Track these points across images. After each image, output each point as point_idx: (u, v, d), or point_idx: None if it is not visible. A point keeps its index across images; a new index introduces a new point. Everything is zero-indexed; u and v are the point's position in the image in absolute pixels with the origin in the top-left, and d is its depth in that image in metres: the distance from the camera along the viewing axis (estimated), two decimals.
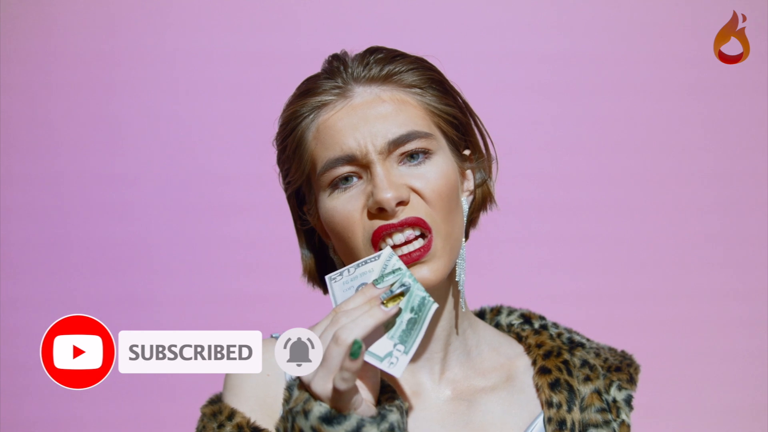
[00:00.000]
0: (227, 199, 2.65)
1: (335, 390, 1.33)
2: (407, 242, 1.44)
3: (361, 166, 1.45)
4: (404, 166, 1.46)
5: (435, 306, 1.39)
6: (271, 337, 1.54)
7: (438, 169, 1.46)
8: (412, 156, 1.46)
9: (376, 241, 1.44)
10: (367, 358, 1.35)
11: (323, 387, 1.34)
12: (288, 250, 2.01)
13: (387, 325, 1.37)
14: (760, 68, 2.55)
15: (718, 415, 2.61)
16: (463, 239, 1.51)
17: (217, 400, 1.50)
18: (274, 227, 2.47)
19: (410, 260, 1.43)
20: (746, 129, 2.61)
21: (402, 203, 1.43)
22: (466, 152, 1.53)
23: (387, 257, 1.41)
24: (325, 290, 1.55)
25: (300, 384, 1.38)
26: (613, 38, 2.61)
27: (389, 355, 1.36)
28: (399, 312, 1.37)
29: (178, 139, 2.66)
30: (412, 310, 1.38)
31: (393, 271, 1.40)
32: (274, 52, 2.63)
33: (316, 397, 1.35)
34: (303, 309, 1.86)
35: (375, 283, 1.39)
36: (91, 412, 2.65)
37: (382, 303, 1.37)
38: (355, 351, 1.31)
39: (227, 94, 2.66)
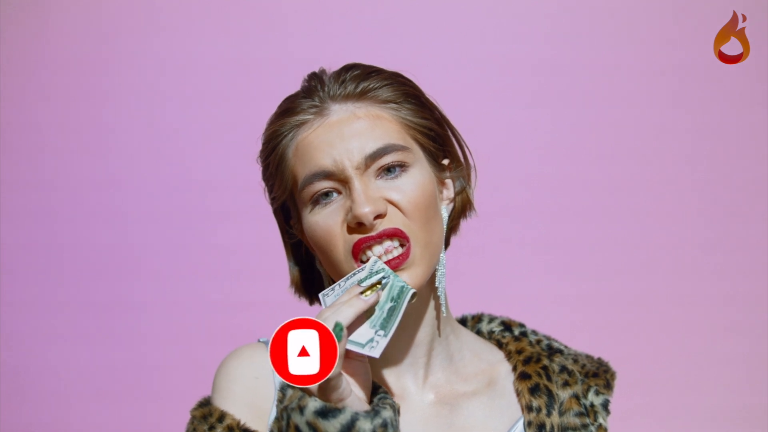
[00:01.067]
0: (215, 205, 2.66)
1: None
2: (386, 252, 1.48)
3: (340, 181, 1.49)
4: (381, 180, 1.49)
5: (412, 291, 1.44)
6: (259, 341, 1.58)
7: (414, 181, 1.50)
8: (388, 170, 1.50)
9: (356, 253, 1.48)
10: (350, 346, 1.40)
11: None
12: (275, 257, 2.04)
13: (369, 316, 1.42)
14: (760, 68, 2.56)
15: (714, 419, 2.62)
16: (443, 247, 1.55)
17: (206, 403, 1.54)
18: (261, 234, 2.48)
19: (390, 267, 1.47)
20: (746, 129, 2.62)
21: (380, 216, 1.48)
22: (445, 161, 1.57)
23: (372, 263, 1.46)
24: (311, 301, 1.62)
25: None
26: (612, 38, 2.63)
27: (370, 341, 1.41)
28: (378, 302, 1.43)
29: (167, 145, 2.67)
30: (392, 299, 1.44)
31: (377, 272, 1.46)
32: (264, 60, 2.64)
33: (308, 392, 1.38)
34: (290, 315, 1.89)
35: (360, 283, 1.44)
36: (81, 416, 2.66)
37: (361, 293, 1.42)
38: (337, 333, 1.36)
39: (216, 101, 2.66)
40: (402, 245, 1.48)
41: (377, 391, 1.45)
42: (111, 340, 2.66)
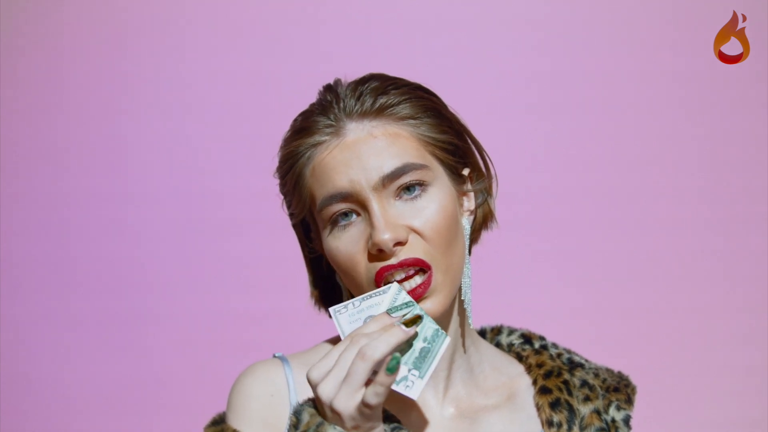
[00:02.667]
0: (228, 217, 2.66)
1: (366, 405, 1.34)
2: (407, 278, 1.45)
3: (358, 202, 1.46)
4: (400, 201, 1.46)
5: (448, 339, 1.41)
6: (274, 356, 1.56)
7: (435, 204, 1.47)
8: (407, 189, 1.47)
9: (379, 281, 1.45)
10: None
11: (346, 404, 1.35)
12: (289, 269, 2.02)
13: (401, 352, 1.39)
14: (760, 68, 2.55)
15: (716, 429, 2.61)
16: (467, 258, 1.52)
17: (220, 421, 1.51)
18: (275, 246, 2.48)
19: (412, 296, 1.45)
20: (746, 129, 2.60)
21: (400, 243, 1.45)
22: (465, 171, 1.54)
23: (396, 292, 1.43)
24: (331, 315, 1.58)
25: (314, 407, 1.39)
26: (612, 38, 2.62)
27: (404, 379, 1.38)
28: (415, 337, 1.39)
29: (180, 156, 2.67)
30: (425, 340, 1.41)
31: (404, 304, 1.42)
32: (280, 70, 2.64)
33: (334, 416, 1.35)
34: (305, 328, 1.87)
35: (389, 312, 1.41)
36: (91, 429, 2.66)
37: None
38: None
39: (231, 112, 2.66)
40: (423, 271, 1.46)
41: (390, 419, 1.44)
42: (123, 352, 2.66)
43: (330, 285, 1.60)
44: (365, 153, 1.46)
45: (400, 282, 1.45)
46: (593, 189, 2.64)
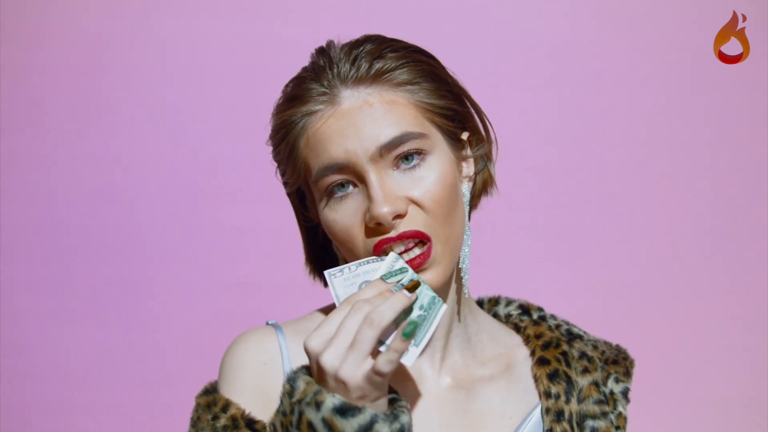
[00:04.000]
0: (223, 186, 2.64)
1: (377, 373, 1.30)
2: (407, 250, 1.42)
3: (354, 173, 1.42)
4: (398, 171, 1.42)
5: (444, 306, 1.38)
6: (267, 324, 1.53)
7: (435, 173, 1.43)
8: (405, 158, 1.43)
9: (378, 253, 1.42)
10: (381, 347, 1.33)
11: (354, 373, 1.30)
12: (285, 238, 2.01)
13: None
14: (760, 68, 2.54)
15: (717, 409, 2.61)
16: (467, 225, 1.49)
17: (212, 390, 1.49)
18: (270, 215, 2.46)
19: (411, 267, 1.41)
20: (746, 129, 2.60)
21: (399, 216, 1.41)
22: (464, 135, 1.50)
23: (393, 260, 1.40)
24: (326, 284, 1.53)
25: (309, 374, 1.35)
26: (612, 38, 2.61)
27: None
28: (414, 302, 1.36)
29: (174, 124, 2.66)
30: (421, 307, 1.37)
31: (399, 270, 1.39)
32: (266, 37, 2.62)
33: (339, 385, 1.31)
34: (301, 297, 1.86)
35: (383, 278, 1.38)
36: (86, 398, 2.66)
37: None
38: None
39: (220, 79, 2.64)
40: (423, 243, 1.42)
41: (389, 390, 1.40)
42: (118, 322, 2.66)
43: (326, 254, 1.56)
44: (361, 121, 1.41)
45: (400, 254, 1.42)
46: (592, 169, 2.64)
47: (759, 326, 2.62)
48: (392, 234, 1.41)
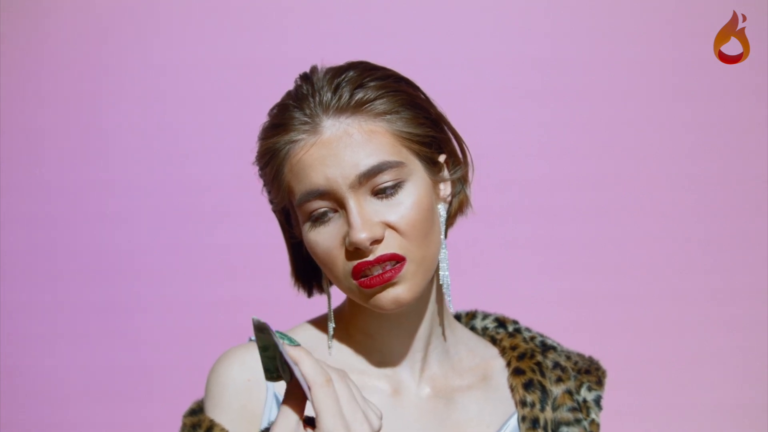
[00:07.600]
0: (213, 206, 2.66)
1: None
2: (384, 272, 1.48)
3: (335, 200, 1.48)
4: (377, 198, 1.49)
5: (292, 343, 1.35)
6: (250, 340, 1.59)
7: (411, 198, 1.49)
8: (383, 185, 1.49)
9: (356, 275, 1.49)
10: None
11: None
12: (272, 257, 2.04)
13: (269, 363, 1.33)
14: (760, 68, 2.56)
15: (714, 416, 2.63)
16: (444, 243, 1.55)
17: (198, 410, 1.54)
18: (258, 234, 2.49)
19: (382, 281, 1.48)
20: (746, 130, 2.62)
21: (376, 241, 1.48)
22: (441, 158, 1.56)
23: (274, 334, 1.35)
24: (310, 293, 1.62)
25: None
26: (612, 38, 2.62)
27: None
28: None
29: (164, 145, 2.67)
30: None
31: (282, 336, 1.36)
32: (262, 59, 2.64)
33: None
34: (288, 314, 1.89)
35: (291, 343, 1.34)
36: (79, 417, 2.66)
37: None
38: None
39: (213, 101, 2.66)
40: (397, 262, 1.49)
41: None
42: (109, 341, 2.66)
43: (311, 267, 1.62)
44: (341, 151, 1.47)
45: (375, 277, 1.48)
46: (582, 179, 2.65)
47: (757, 333, 2.63)
48: (370, 258, 1.47)
